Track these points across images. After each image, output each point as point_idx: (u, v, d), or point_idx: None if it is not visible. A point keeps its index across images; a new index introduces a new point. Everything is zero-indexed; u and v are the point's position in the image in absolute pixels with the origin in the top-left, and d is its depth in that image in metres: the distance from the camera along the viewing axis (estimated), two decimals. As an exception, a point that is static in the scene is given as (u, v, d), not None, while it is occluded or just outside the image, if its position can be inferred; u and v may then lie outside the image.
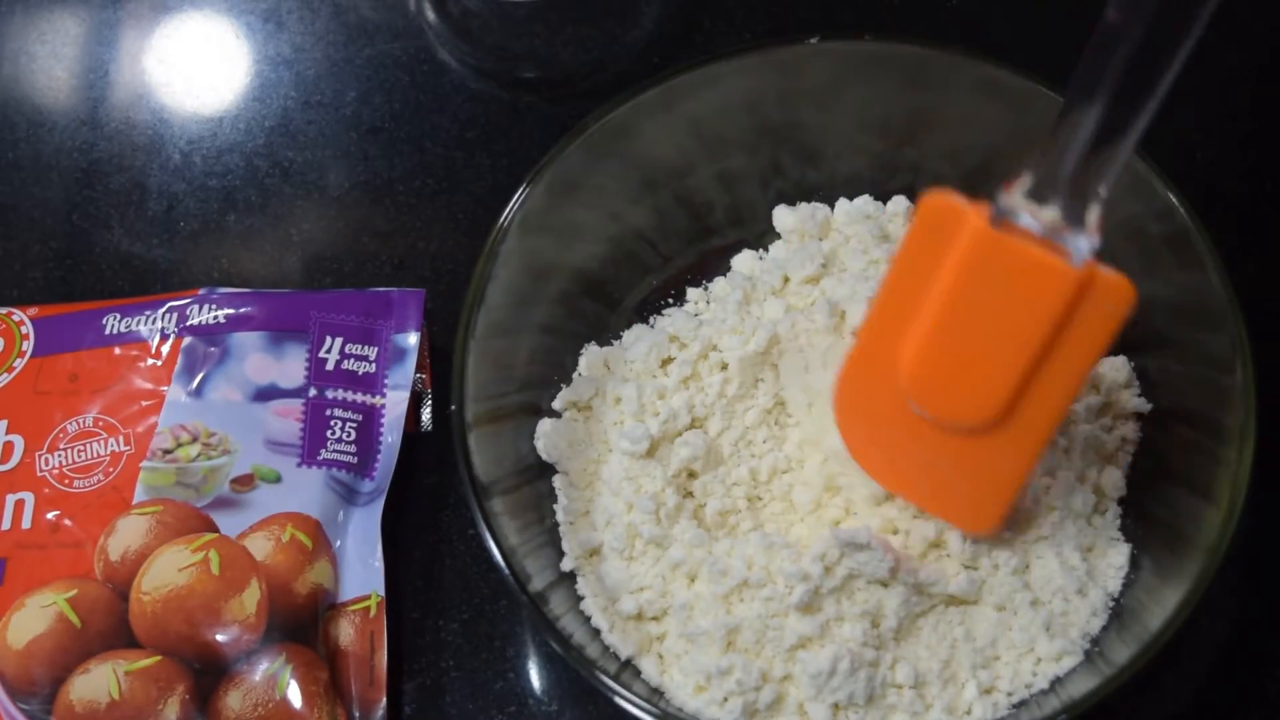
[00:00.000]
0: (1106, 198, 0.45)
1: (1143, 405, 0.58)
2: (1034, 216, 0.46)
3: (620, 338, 0.63)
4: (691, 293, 0.64)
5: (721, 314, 0.61)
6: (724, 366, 0.59)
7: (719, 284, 0.64)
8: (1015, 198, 0.46)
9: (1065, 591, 0.54)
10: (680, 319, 0.62)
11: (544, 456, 0.59)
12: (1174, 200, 0.55)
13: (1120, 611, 0.54)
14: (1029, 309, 0.47)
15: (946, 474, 0.54)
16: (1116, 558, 0.55)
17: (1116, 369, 0.59)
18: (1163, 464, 0.57)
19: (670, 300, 0.64)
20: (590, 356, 0.61)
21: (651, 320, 0.63)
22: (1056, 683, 0.53)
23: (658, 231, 0.64)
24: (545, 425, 0.59)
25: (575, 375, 0.61)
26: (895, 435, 0.54)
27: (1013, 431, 0.51)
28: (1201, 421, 0.55)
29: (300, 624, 0.55)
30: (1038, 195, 0.46)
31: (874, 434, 0.55)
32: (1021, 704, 0.53)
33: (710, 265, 0.65)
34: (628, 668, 0.54)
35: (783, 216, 0.64)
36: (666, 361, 0.61)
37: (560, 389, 0.60)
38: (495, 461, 0.55)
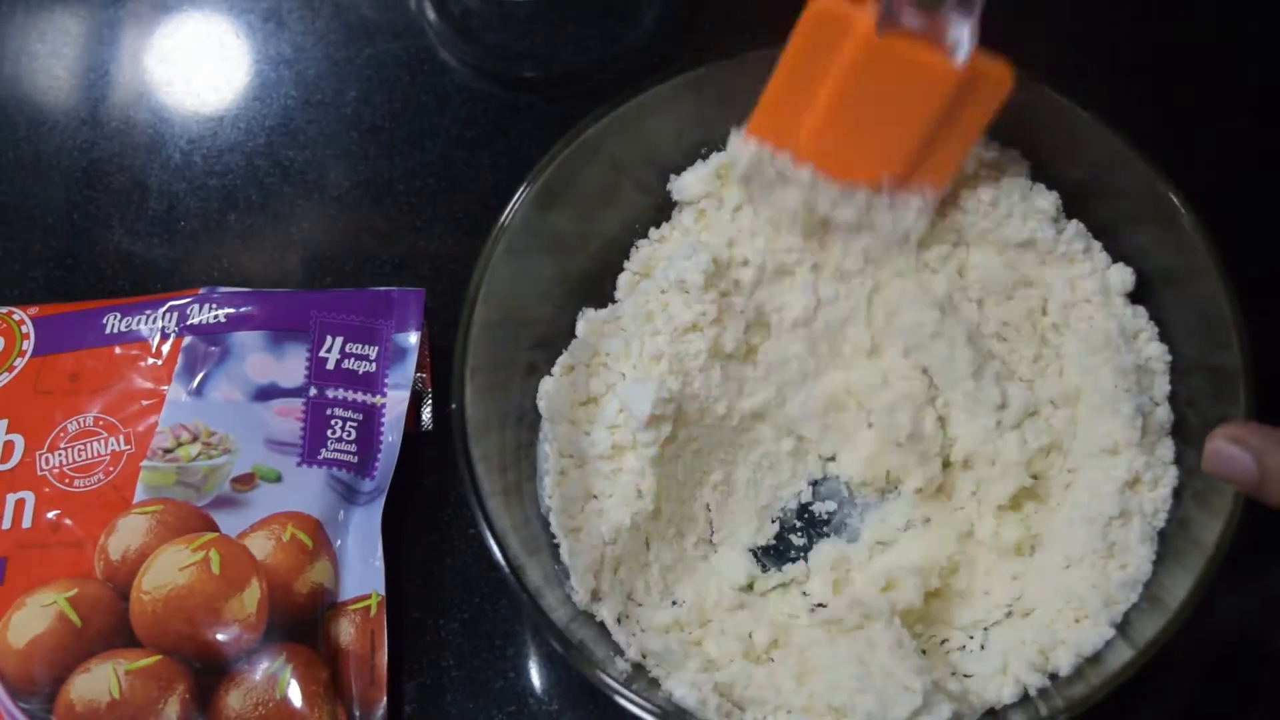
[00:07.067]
0: None
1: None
2: (917, 16, 0.50)
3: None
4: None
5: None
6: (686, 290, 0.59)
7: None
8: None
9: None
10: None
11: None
12: (1174, 200, 0.55)
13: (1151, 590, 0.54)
14: (915, 103, 0.52)
15: None
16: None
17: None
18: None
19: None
20: (589, 319, 0.61)
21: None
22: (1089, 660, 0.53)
23: (658, 230, 0.64)
24: (548, 384, 0.59)
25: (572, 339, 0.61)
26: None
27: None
28: (1203, 418, 0.55)
29: (301, 623, 0.55)
30: None
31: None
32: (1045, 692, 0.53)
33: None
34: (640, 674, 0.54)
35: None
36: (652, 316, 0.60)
37: (560, 389, 0.60)
38: (496, 461, 0.55)
